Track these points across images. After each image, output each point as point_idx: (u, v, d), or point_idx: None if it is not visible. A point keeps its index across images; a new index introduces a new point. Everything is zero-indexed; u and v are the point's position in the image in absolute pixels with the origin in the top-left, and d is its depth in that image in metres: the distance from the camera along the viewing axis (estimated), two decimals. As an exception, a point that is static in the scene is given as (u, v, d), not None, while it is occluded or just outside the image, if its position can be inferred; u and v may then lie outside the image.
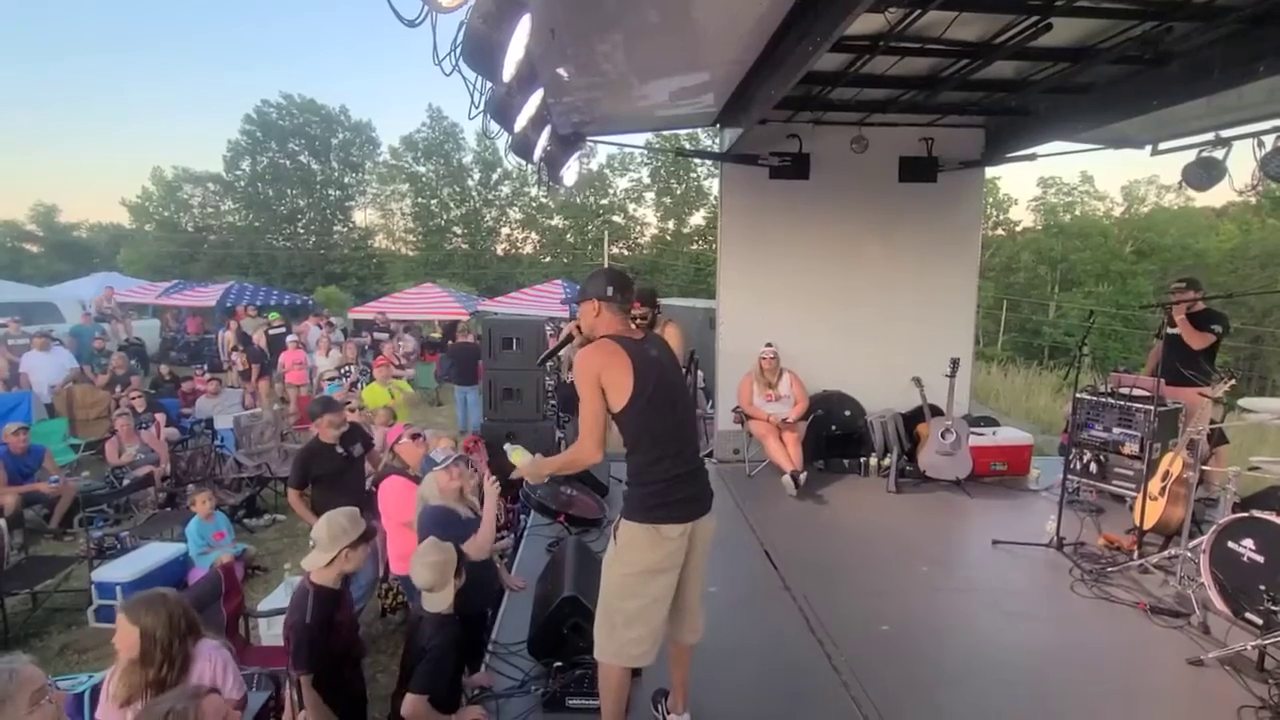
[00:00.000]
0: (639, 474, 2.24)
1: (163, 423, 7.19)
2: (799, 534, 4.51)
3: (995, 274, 28.61)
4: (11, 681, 1.46)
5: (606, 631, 2.27)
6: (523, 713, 2.61)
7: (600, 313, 2.33)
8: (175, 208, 34.78)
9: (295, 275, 32.25)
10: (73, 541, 5.49)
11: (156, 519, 5.80)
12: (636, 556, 2.21)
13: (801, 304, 6.00)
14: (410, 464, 3.94)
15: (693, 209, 34.88)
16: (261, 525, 6.13)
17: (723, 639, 3.24)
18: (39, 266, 31.63)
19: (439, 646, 2.42)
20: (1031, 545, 4.16)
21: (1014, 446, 5.71)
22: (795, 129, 5.65)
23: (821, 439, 5.84)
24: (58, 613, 4.56)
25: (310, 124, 34.27)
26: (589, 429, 2.21)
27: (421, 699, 2.36)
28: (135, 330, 13.54)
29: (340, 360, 9.70)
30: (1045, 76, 4.52)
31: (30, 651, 4.01)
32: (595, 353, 2.22)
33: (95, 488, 6.21)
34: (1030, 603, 3.62)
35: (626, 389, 2.16)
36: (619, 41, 3.43)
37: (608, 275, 2.39)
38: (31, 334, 9.36)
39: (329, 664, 2.45)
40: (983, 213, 6.93)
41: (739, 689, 2.84)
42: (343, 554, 2.51)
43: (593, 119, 4.98)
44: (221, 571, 3.63)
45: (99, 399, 8.04)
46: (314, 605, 2.42)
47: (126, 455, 6.43)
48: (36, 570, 4.68)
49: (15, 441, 5.79)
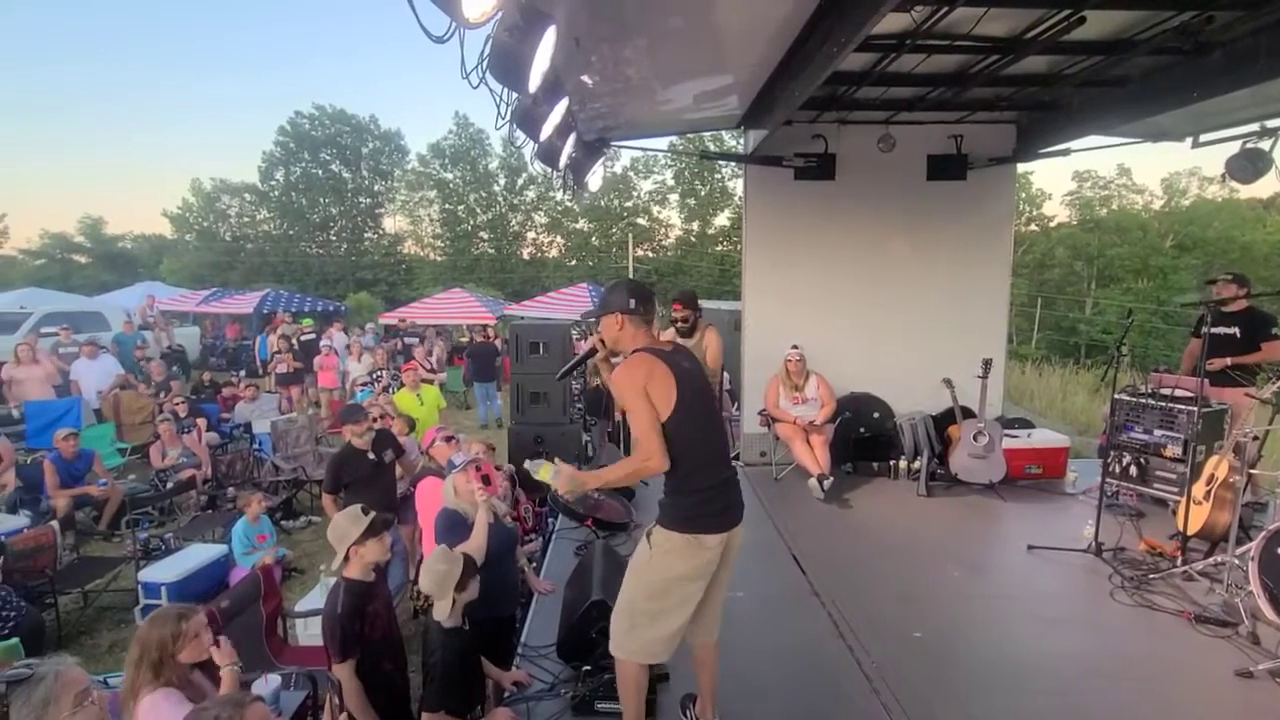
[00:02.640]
0: (679, 485, 2.23)
1: (204, 427, 7.42)
2: (827, 538, 4.47)
3: (1028, 271, 27.94)
4: (56, 683, 1.52)
5: (626, 628, 2.27)
6: (553, 715, 2.64)
7: (624, 326, 2.32)
8: (214, 218, 35.86)
9: (328, 282, 33.00)
10: (120, 542, 5.69)
11: (199, 521, 5.99)
12: (672, 564, 2.21)
13: (828, 305, 5.95)
14: (446, 465, 4.03)
15: (717, 210, 34.77)
16: (298, 527, 6.29)
17: (751, 642, 3.24)
18: (87, 277, 32.83)
19: (441, 663, 2.44)
20: (1069, 550, 4.05)
21: (1049, 449, 5.58)
22: (820, 129, 5.61)
23: (849, 441, 5.77)
24: (107, 611, 4.74)
25: (341, 134, 35.06)
26: (651, 438, 2.16)
27: (438, 715, 2.40)
28: (177, 337, 13.99)
29: (372, 365, 9.90)
30: (1079, 70, 4.42)
31: (80, 649, 4.20)
32: (636, 366, 2.21)
33: (141, 490, 6.44)
34: (1068, 609, 3.53)
35: (670, 401, 2.16)
36: (642, 47, 3.45)
37: (629, 288, 2.37)
38: (81, 342, 9.74)
39: (367, 655, 2.51)
40: (1015, 209, 6.79)
41: (767, 692, 2.83)
42: (353, 551, 2.58)
43: (617, 124, 5.01)
44: (261, 573, 3.75)
45: (144, 404, 8.33)
46: (345, 597, 2.51)
47: (170, 459, 6.66)
48: (87, 570, 4.86)
49: (66, 446, 6.03)
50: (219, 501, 6.48)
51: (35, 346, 8.95)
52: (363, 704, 2.45)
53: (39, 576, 4.42)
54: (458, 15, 1.76)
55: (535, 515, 5.02)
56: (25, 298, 14.43)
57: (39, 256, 36.19)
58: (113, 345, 10.83)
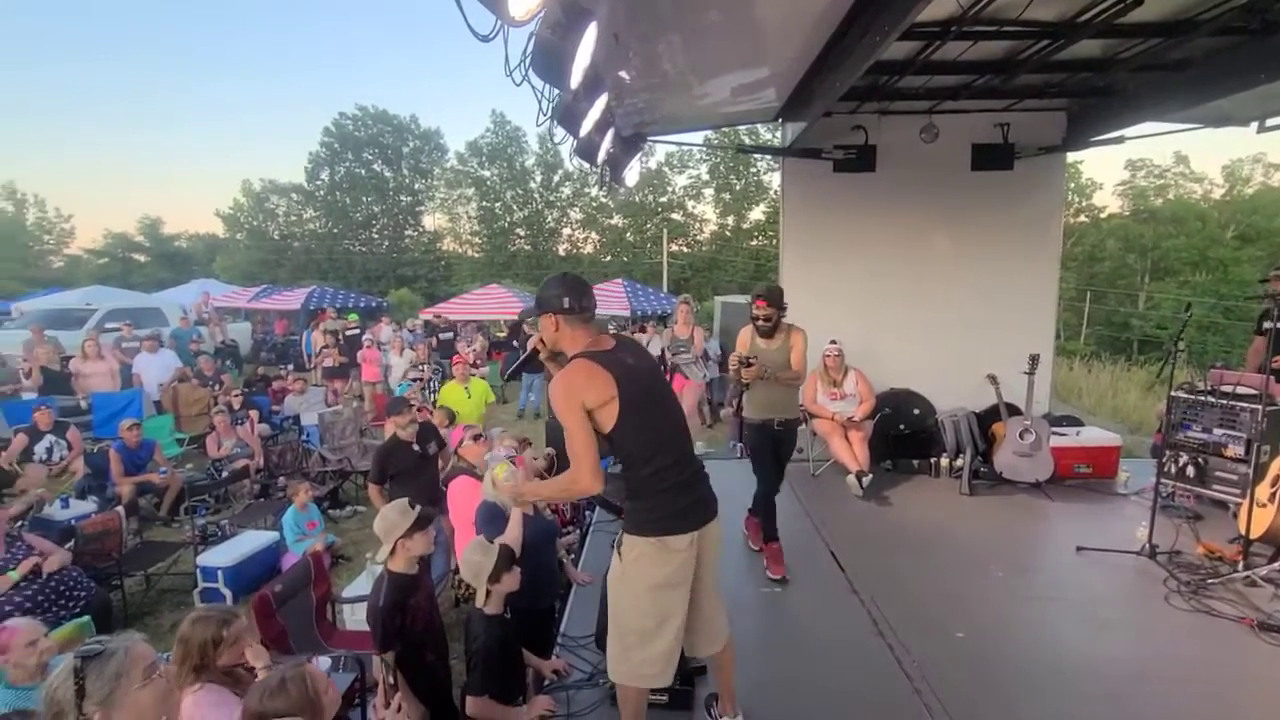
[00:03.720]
0: (639, 487, 2.12)
1: (256, 419, 7.71)
2: (866, 535, 4.41)
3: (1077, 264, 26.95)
4: (126, 658, 1.61)
5: (619, 652, 2.18)
6: (591, 705, 2.68)
7: (559, 327, 2.16)
8: (263, 217, 37.12)
9: (370, 278, 33.86)
10: (179, 528, 5.96)
11: (252, 509, 6.24)
12: (645, 572, 2.10)
13: (867, 299, 5.85)
14: (476, 464, 4.10)
15: (752, 204, 34.44)
16: (344, 516, 6.49)
17: (787, 639, 3.23)
18: (146, 275, 34.40)
19: (483, 649, 2.50)
20: (1120, 553, 3.92)
21: (1100, 447, 5.39)
22: (861, 120, 5.52)
23: (889, 438, 5.68)
24: (167, 593, 4.98)
25: (383, 134, 35.91)
26: (583, 458, 2.03)
27: (481, 699, 2.46)
28: (230, 333, 14.56)
29: (414, 359, 10.14)
30: (1135, 54, 4.24)
31: (144, 628, 4.41)
32: (572, 376, 2.06)
33: (198, 479, 6.73)
34: (1119, 613, 3.41)
35: (614, 408, 2.02)
36: (679, 42, 3.45)
37: (564, 284, 2.17)
38: (141, 337, 10.23)
39: (409, 646, 2.59)
40: (1064, 200, 6.56)
41: (804, 690, 2.82)
42: (399, 544, 2.64)
43: (654, 119, 5.02)
44: (312, 559, 3.89)
45: (200, 397, 8.70)
46: (387, 590, 2.57)
47: (225, 449, 6.95)
48: (149, 554, 5.12)
49: (130, 436, 6.35)
50: (270, 490, 6.74)
51: (99, 341, 9.44)
52: (406, 692, 2.53)
53: (106, 559, 4.67)
54: (503, 14, 1.79)
55: (573, 508, 5.08)
56: (90, 295, 15.21)
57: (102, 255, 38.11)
58: (170, 340, 11.33)
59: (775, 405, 3.83)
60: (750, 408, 3.87)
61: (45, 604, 3.76)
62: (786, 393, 3.88)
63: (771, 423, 3.82)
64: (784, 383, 3.79)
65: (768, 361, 3.73)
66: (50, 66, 56.31)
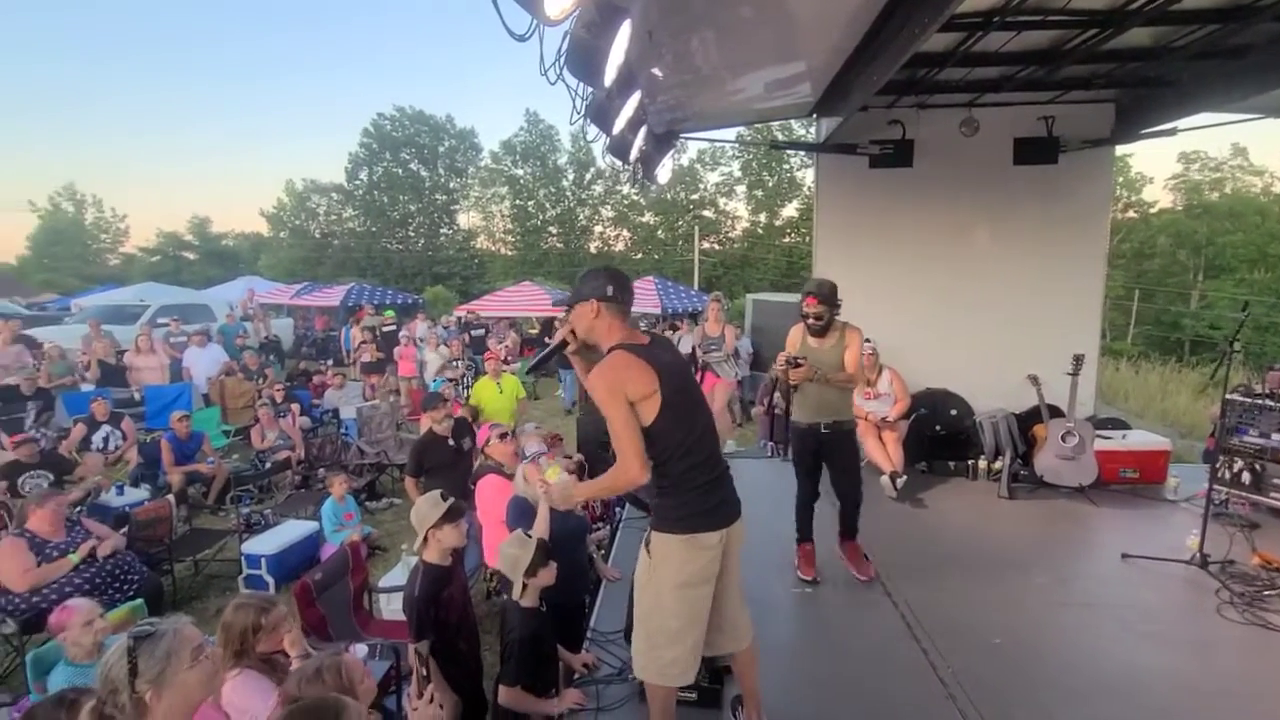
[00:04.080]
0: (672, 485, 2.11)
1: (297, 412, 7.95)
2: (899, 537, 4.34)
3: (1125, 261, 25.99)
4: (176, 639, 1.68)
5: (646, 650, 2.19)
6: (620, 699, 2.69)
7: (600, 314, 2.12)
8: (305, 216, 38.18)
9: (406, 276, 34.53)
10: (225, 517, 6.19)
11: (293, 499, 6.44)
12: (674, 570, 2.11)
13: (903, 297, 5.74)
14: (504, 463, 4.12)
15: (785, 201, 34.08)
16: (380, 508, 6.65)
17: (818, 640, 3.20)
18: (195, 272, 35.73)
19: (518, 641, 2.54)
20: (1169, 561, 3.77)
21: (1148, 451, 5.19)
22: (898, 114, 5.40)
23: (925, 439, 5.56)
24: (214, 579, 5.17)
25: (420, 133, 36.58)
26: (629, 448, 2.01)
27: (514, 689, 2.51)
28: (273, 328, 15.03)
29: (448, 355, 10.32)
30: (1190, 42, 4.06)
31: (192, 612, 4.54)
32: (613, 367, 2.05)
33: (243, 469, 6.98)
34: (1167, 624, 3.29)
35: (655, 402, 2.02)
36: (713, 38, 3.43)
37: (608, 273, 2.15)
38: (190, 332, 10.63)
39: (443, 636, 2.64)
40: (1112, 194, 6.32)
41: (833, 692, 2.79)
42: (430, 535, 2.70)
43: (687, 116, 5.00)
44: (349, 549, 4.00)
45: (245, 390, 9.01)
46: (422, 581, 2.64)
47: (268, 440, 7.18)
48: (198, 541, 5.32)
49: (180, 427, 6.61)
50: (311, 482, 6.94)
51: (151, 336, 9.84)
52: (439, 681, 2.58)
53: (157, 545, 4.88)
54: (539, 13, 1.81)
55: (603, 505, 5.11)
56: (143, 292, 15.88)
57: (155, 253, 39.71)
58: (218, 335, 11.75)
59: (825, 408, 3.61)
60: (798, 409, 3.69)
61: (102, 586, 3.95)
62: (838, 395, 3.61)
63: (818, 426, 3.62)
64: (836, 384, 3.54)
65: (819, 362, 3.51)
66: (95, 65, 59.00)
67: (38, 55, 58.30)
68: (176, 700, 1.63)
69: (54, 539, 3.99)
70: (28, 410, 7.41)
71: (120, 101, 61.38)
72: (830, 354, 3.57)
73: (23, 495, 5.08)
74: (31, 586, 3.77)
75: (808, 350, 3.59)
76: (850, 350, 3.54)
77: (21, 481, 5.35)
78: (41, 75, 59.74)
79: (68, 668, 2.88)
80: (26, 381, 7.74)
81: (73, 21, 57.53)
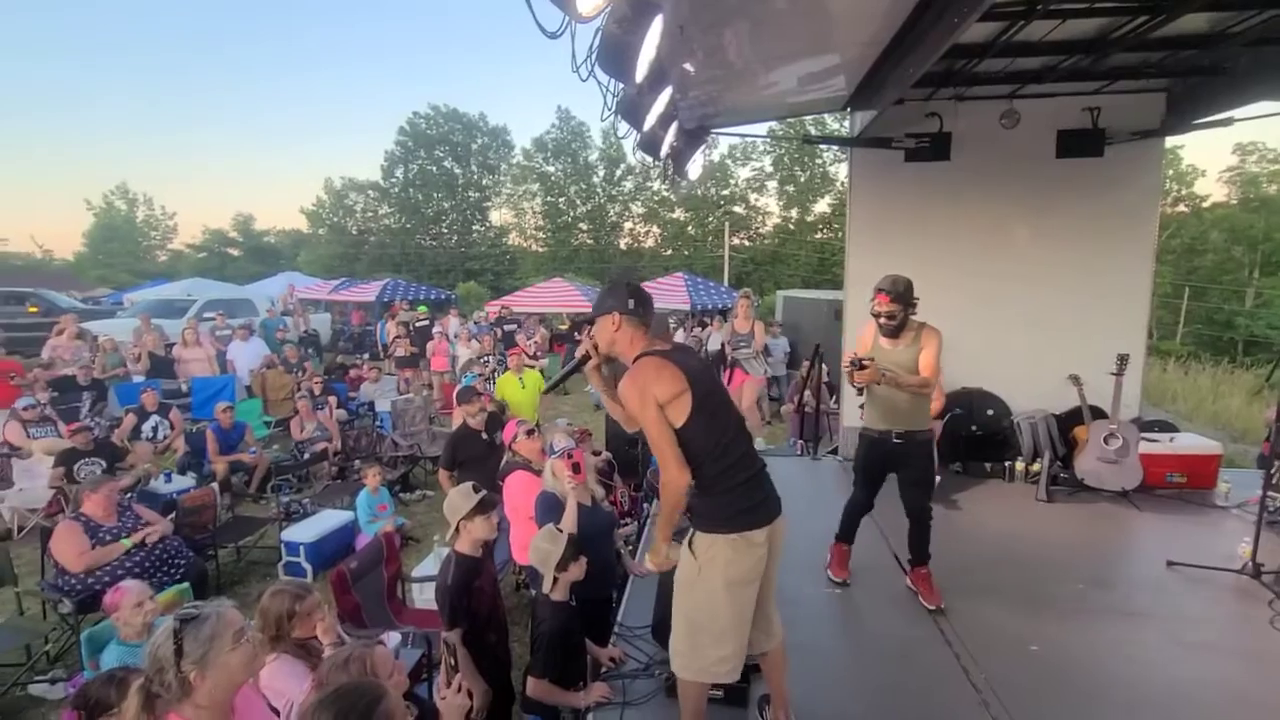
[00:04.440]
0: (712, 484, 2.11)
1: (334, 405, 8.15)
2: (933, 539, 4.23)
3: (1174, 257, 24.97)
4: (219, 622, 1.75)
5: (689, 649, 2.19)
6: (646, 694, 2.70)
7: (621, 327, 2.17)
8: (342, 213, 39.10)
9: (440, 272, 35.13)
10: (266, 505, 6.39)
11: (330, 489, 6.62)
12: (723, 569, 2.10)
13: (938, 294, 5.51)
14: (531, 459, 4.15)
15: (817, 196, 33.64)
16: (414, 499, 6.78)
17: (846, 643, 3.17)
18: (239, 268, 36.93)
19: (548, 634, 2.58)
20: (1218, 570, 3.63)
21: (1196, 455, 5.00)
22: (935, 107, 5.28)
23: (960, 440, 5.44)
24: (255, 565, 5.35)
25: (454, 131, 37.11)
26: (667, 451, 2.04)
27: (542, 681, 2.55)
28: (311, 323, 15.44)
29: (479, 350, 10.46)
30: (1249, 27, 3.86)
31: (234, 597, 4.75)
32: (642, 372, 2.08)
33: (283, 459, 7.19)
34: (1216, 635, 3.17)
35: (685, 402, 2.05)
36: (746, 31, 3.39)
37: (629, 288, 2.23)
38: (234, 326, 10.98)
39: (474, 626, 2.69)
40: (1161, 188, 6.07)
41: (862, 695, 2.76)
42: (462, 526, 2.75)
43: (718, 111, 4.96)
44: (384, 539, 4.09)
45: (286, 382, 9.27)
46: (455, 571, 2.69)
47: (306, 432, 7.38)
48: (240, 528, 5.51)
49: (225, 417, 6.85)
50: (347, 472, 7.12)
51: (197, 330, 10.20)
52: (470, 670, 2.63)
53: (203, 531, 5.06)
54: (571, 10, 1.82)
55: (631, 500, 5.13)
56: (190, 287, 16.49)
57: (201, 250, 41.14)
58: (259, 329, 12.11)
59: (896, 415, 3.35)
60: (869, 415, 3.48)
61: (151, 569, 4.11)
62: (911, 401, 3.34)
63: (889, 435, 3.37)
64: (908, 389, 3.27)
65: (892, 364, 3.29)
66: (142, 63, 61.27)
67: (85, 54, 61.00)
68: (219, 680, 1.70)
69: (107, 523, 4.17)
70: (83, 400, 7.77)
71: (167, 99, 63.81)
72: (903, 356, 3.35)
73: (78, 481, 5.32)
74: (86, 568, 3.95)
75: (879, 352, 3.39)
76: (926, 352, 3.30)
77: (77, 468, 5.61)
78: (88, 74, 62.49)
79: (119, 646, 3.02)
80: (82, 372, 8.11)
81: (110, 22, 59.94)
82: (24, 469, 6.01)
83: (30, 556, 4.84)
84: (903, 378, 3.26)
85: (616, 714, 2.58)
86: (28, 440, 6.37)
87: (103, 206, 41.55)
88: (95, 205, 41.60)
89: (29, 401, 6.70)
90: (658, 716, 2.56)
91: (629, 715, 2.58)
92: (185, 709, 1.67)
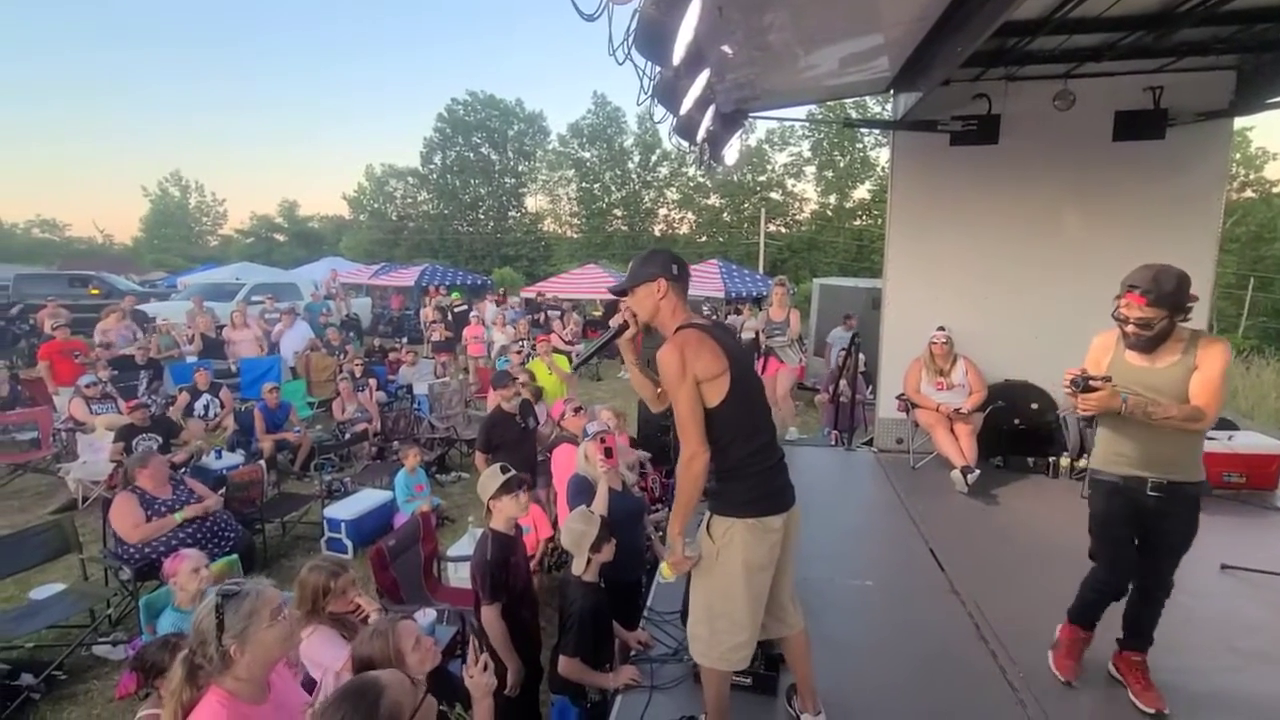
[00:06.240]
0: (735, 468, 2.08)
1: (374, 387, 8.36)
2: (970, 534, 4.16)
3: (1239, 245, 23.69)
4: (258, 599, 1.83)
5: (707, 635, 2.18)
6: (675, 679, 2.73)
7: (666, 294, 2.11)
8: (382, 200, 39.89)
9: (476, 257, 35.60)
10: (309, 483, 6.61)
11: (370, 469, 6.81)
12: (740, 553, 2.09)
13: (982, 283, 5.44)
14: (578, 434, 4.26)
15: (857, 182, 32.89)
16: (449, 480, 6.93)
17: (879, 637, 3.13)
18: (285, 253, 38.05)
19: (578, 613, 2.62)
20: (1276, 574, 3.46)
21: (1257, 455, 4.76)
22: (984, 88, 5.08)
23: (1001, 433, 5.29)
24: (299, 540, 5.55)
25: (491, 118, 37.40)
26: (694, 430, 2.00)
27: (573, 660, 2.59)
28: (353, 306, 15.83)
29: (514, 335, 10.59)
30: (1331, -2, 3.62)
31: (279, 570, 4.95)
32: (686, 343, 2.02)
33: (325, 439, 7.42)
34: (1272, 642, 3.03)
35: (724, 382, 2.00)
36: (786, 11, 3.31)
37: (667, 254, 2.17)
38: (281, 309, 11.33)
39: (510, 602, 2.75)
40: (1227, 172, 5.73)
41: (894, 691, 2.72)
42: (492, 504, 2.81)
43: (756, 94, 4.87)
44: (421, 518, 4.20)
45: (328, 364, 9.55)
46: (492, 547, 2.75)
47: (347, 413, 7.60)
48: (285, 504, 5.71)
49: (271, 398, 7.09)
50: (386, 453, 7.31)
51: (246, 312, 10.56)
52: (507, 645, 2.69)
53: (250, 506, 5.26)
54: (608, -7, 1.80)
55: (662, 486, 5.15)
56: (239, 271, 17.07)
57: (249, 235, 42.51)
58: (304, 312, 12.47)
59: (1154, 459, 2.46)
60: (1103, 452, 2.61)
61: (203, 541, 4.30)
62: (1176, 440, 2.42)
63: (1142, 484, 2.49)
64: (1171, 425, 2.35)
65: (1145, 388, 2.41)
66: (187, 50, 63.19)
67: (136, 42, 63.24)
68: (257, 655, 1.78)
69: (161, 495, 4.37)
70: (140, 379, 8.13)
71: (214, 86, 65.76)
72: (1163, 378, 2.42)
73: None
74: (142, 539, 4.15)
75: (1124, 370, 2.49)
76: (1203, 373, 2.35)
77: (136, 443, 5.89)
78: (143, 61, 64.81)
79: (175, 612, 3.18)
80: (140, 352, 8.49)
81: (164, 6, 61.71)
82: (87, 443, 6.34)
83: (94, 525, 5.12)
84: (1159, 407, 2.35)
85: (645, 697, 2.61)
86: (91, 416, 6.72)
87: (158, 193, 43.25)
88: (151, 192, 43.34)
89: (91, 379, 7.04)
90: (686, 701, 2.58)
91: (657, 699, 2.60)
92: (226, 681, 1.76)
